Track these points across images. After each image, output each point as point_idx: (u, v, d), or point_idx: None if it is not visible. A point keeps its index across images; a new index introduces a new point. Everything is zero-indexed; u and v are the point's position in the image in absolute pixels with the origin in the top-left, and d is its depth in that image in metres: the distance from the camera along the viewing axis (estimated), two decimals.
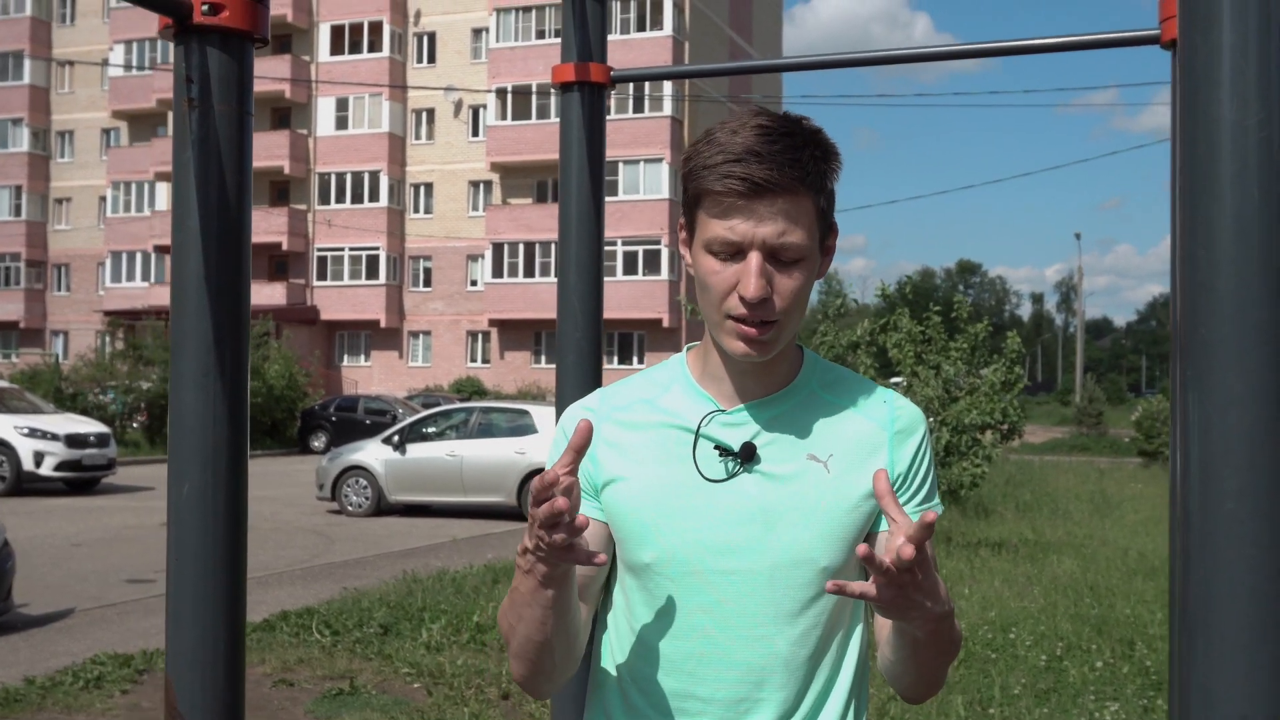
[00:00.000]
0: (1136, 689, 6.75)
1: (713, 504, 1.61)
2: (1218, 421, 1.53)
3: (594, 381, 3.37)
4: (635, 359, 46.16)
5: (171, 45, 2.07)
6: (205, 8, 2.00)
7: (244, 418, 2.11)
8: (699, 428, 1.64)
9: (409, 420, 18.80)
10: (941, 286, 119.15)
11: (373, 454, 17.79)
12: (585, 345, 3.36)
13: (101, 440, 20.65)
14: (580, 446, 1.46)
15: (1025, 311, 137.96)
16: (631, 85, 45.13)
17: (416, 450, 17.61)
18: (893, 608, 1.44)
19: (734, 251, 1.53)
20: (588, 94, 3.34)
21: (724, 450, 1.62)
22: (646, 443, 1.66)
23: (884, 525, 1.62)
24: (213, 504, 2.07)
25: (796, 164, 1.51)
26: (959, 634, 1.63)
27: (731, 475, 1.61)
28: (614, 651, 1.71)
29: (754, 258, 1.52)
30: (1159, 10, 2.88)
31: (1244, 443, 1.51)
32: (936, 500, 1.70)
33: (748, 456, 1.61)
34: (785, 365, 1.67)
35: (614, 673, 1.70)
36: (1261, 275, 1.51)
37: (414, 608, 8.95)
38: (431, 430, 18.12)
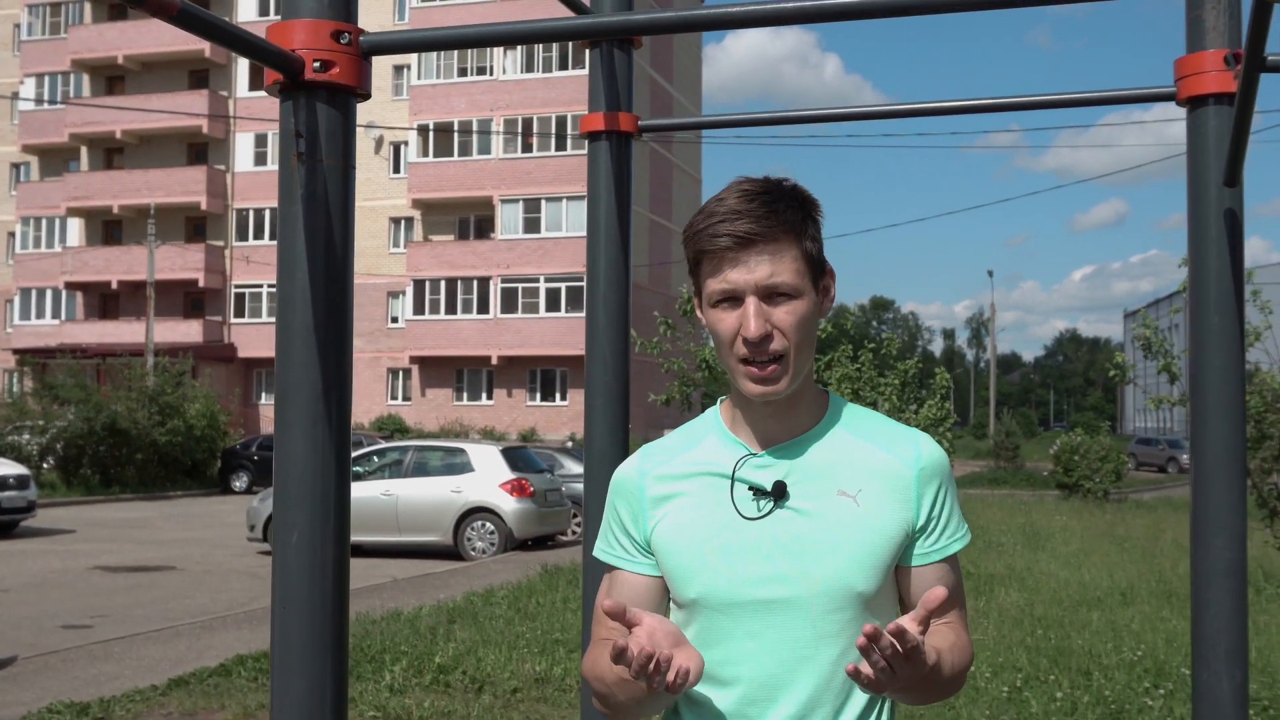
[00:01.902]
0: (1097, 718, 6.92)
1: (751, 539, 1.76)
2: None
3: (622, 424, 3.43)
4: (558, 396, 46.11)
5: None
6: (317, 64, 2.04)
7: (348, 466, 2.14)
8: (734, 472, 1.80)
9: None
10: (856, 323, 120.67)
11: None
12: (614, 387, 3.41)
13: (21, 482, 20.11)
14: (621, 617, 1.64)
15: (937, 347, 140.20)
16: (554, 121, 45.36)
17: (351, 490, 17.42)
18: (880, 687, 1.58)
19: (733, 300, 1.73)
20: (615, 143, 3.41)
21: (758, 490, 1.78)
22: (687, 490, 1.83)
23: (913, 561, 1.80)
24: (322, 551, 2.09)
25: (774, 214, 1.72)
26: (949, 678, 1.75)
27: (766, 513, 1.77)
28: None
29: (750, 301, 1.71)
30: (1175, 69, 3.02)
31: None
32: (965, 530, 1.86)
33: (779, 494, 1.77)
34: (809, 408, 1.83)
35: (680, 703, 1.83)
36: None
37: (372, 649, 8.86)
38: (365, 469, 17.96)
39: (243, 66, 48.51)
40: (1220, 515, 2.91)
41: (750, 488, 1.79)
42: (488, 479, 17.27)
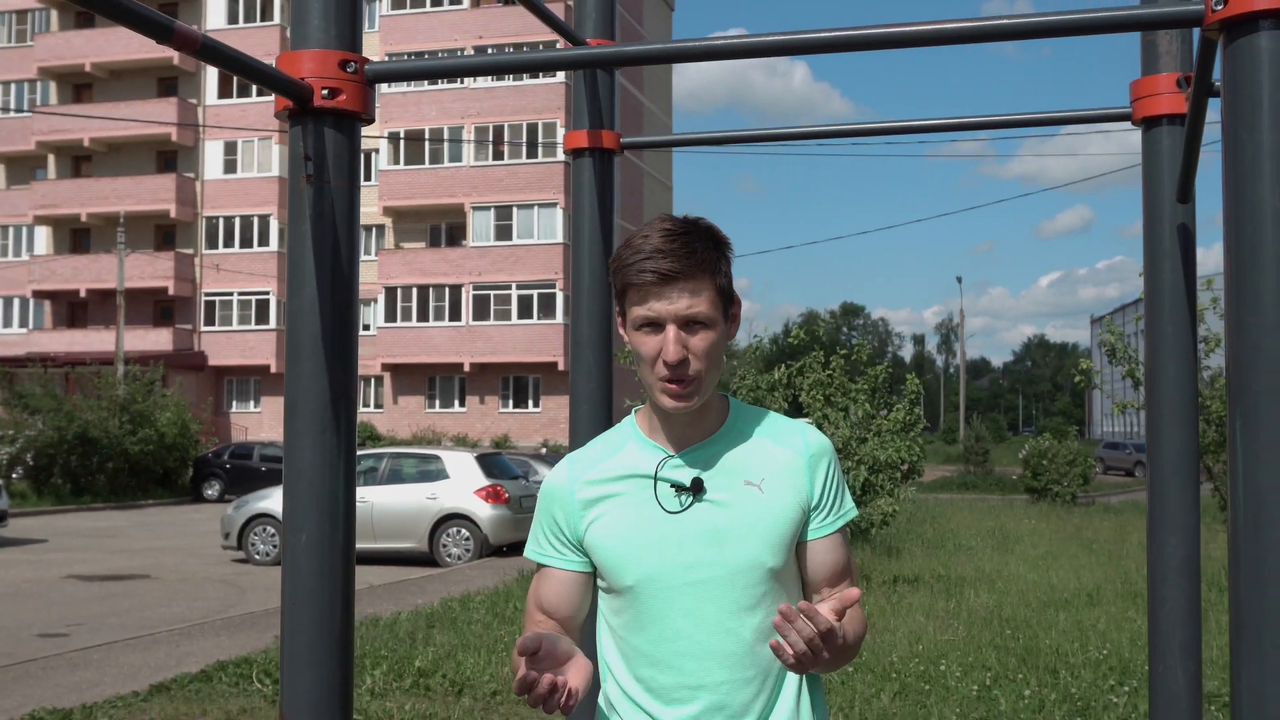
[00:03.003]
0: (1065, 714, 7.09)
1: (675, 531, 2.02)
2: (1265, 460, 1.80)
3: (606, 428, 3.56)
4: (530, 403, 46.16)
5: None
6: (325, 92, 2.17)
7: (354, 471, 2.27)
8: (656, 472, 2.06)
9: None
10: (825, 329, 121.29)
11: (280, 501, 17.56)
12: (598, 394, 3.55)
13: None
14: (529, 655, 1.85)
15: (907, 353, 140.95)
16: (525, 129, 45.47)
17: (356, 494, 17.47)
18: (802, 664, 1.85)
19: (655, 326, 1.97)
20: (599, 159, 3.55)
21: (678, 487, 2.04)
22: (616, 491, 2.07)
23: (809, 535, 2.07)
24: (330, 551, 2.22)
25: (693, 254, 1.96)
26: (852, 645, 2.02)
27: (687, 507, 2.03)
28: (611, 664, 2.10)
29: (670, 329, 1.96)
30: (1131, 91, 3.18)
31: None
32: (851, 506, 2.14)
33: (697, 489, 2.03)
34: (714, 413, 2.09)
35: (617, 680, 2.09)
36: None
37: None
38: None
39: (211, 75, 48.38)
40: (1175, 515, 3.08)
41: (672, 485, 2.04)
42: (463, 486, 17.36)
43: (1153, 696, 3.18)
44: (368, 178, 48.05)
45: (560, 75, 45.02)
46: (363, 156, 35.47)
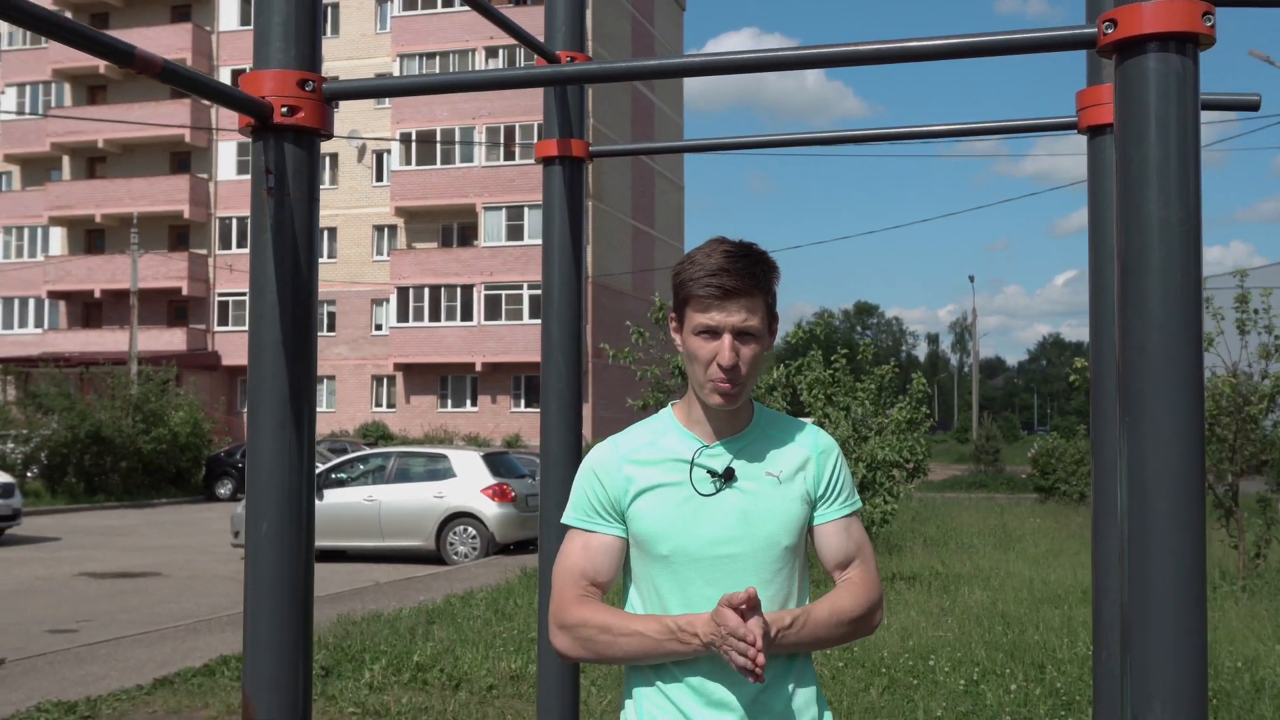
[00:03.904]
0: (1049, 709, 7.20)
1: (707, 511, 2.32)
2: (1150, 456, 1.92)
3: (575, 426, 3.70)
4: (524, 403, 46.30)
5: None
6: (285, 110, 2.32)
7: (313, 464, 2.41)
8: (692, 459, 2.36)
9: (326, 465, 18.82)
10: (840, 328, 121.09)
11: None
12: (567, 394, 3.68)
13: (6, 490, 20.29)
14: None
15: (921, 352, 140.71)
16: (536, 130, 45.56)
17: (334, 495, 17.66)
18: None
19: (712, 334, 2.27)
20: (568, 167, 3.68)
21: (712, 473, 2.34)
22: (656, 471, 2.36)
23: (816, 521, 2.39)
24: (289, 540, 2.36)
25: (751, 275, 2.26)
26: (836, 623, 2.32)
27: (718, 490, 2.33)
28: None
29: (726, 338, 2.26)
30: (1077, 100, 3.30)
31: (1169, 473, 1.91)
32: (856, 499, 2.45)
33: (729, 477, 2.34)
34: (745, 413, 2.41)
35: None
36: (1183, 340, 1.92)
37: (353, 649, 9.10)
38: (348, 475, 18.19)
39: (224, 77, 48.66)
40: (1114, 509, 3.19)
41: (707, 471, 2.34)
42: (469, 484, 17.52)
43: (1096, 682, 3.29)
44: (380, 178, 48.31)
45: None
46: (375, 157, 35.79)
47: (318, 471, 18.06)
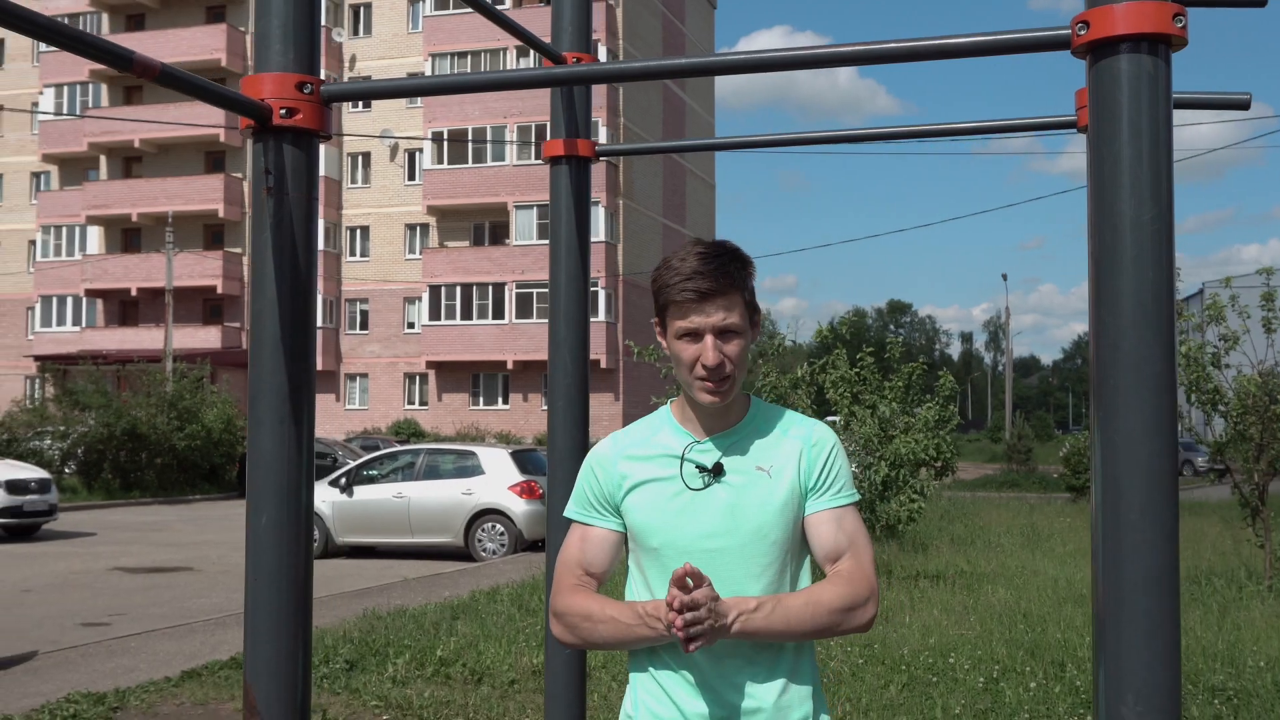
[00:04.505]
0: (1068, 707, 7.20)
1: (697, 505, 2.37)
2: (1123, 451, 1.95)
3: (582, 422, 3.76)
4: None
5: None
6: (283, 111, 2.38)
7: (312, 458, 2.47)
8: (683, 454, 2.41)
9: (356, 462, 18.97)
10: (873, 326, 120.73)
11: (320, 496, 17.92)
12: (574, 391, 3.74)
13: (42, 486, 20.56)
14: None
15: (955, 350, 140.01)
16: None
17: (364, 492, 17.80)
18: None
19: (694, 336, 2.32)
20: (575, 166, 3.73)
21: (701, 468, 2.39)
22: (649, 466, 2.43)
23: (807, 511, 2.40)
24: (287, 532, 2.43)
25: (726, 275, 2.31)
26: (818, 617, 2.30)
27: (707, 485, 2.38)
28: None
29: (709, 339, 2.31)
30: (1076, 99, 3.33)
31: (1143, 468, 1.94)
32: (852, 491, 2.44)
33: (718, 472, 2.38)
34: (738, 408, 2.45)
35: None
36: (1155, 337, 1.95)
37: (378, 643, 9.20)
38: (378, 472, 18.32)
39: None
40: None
41: (696, 466, 2.39)
42: (498, 481, 17.61)
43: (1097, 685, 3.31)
44: (412, 177, 48.55)
45: None
46: (407, 156, 35.95)
47: (348, 468, 18.26)
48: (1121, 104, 1.97)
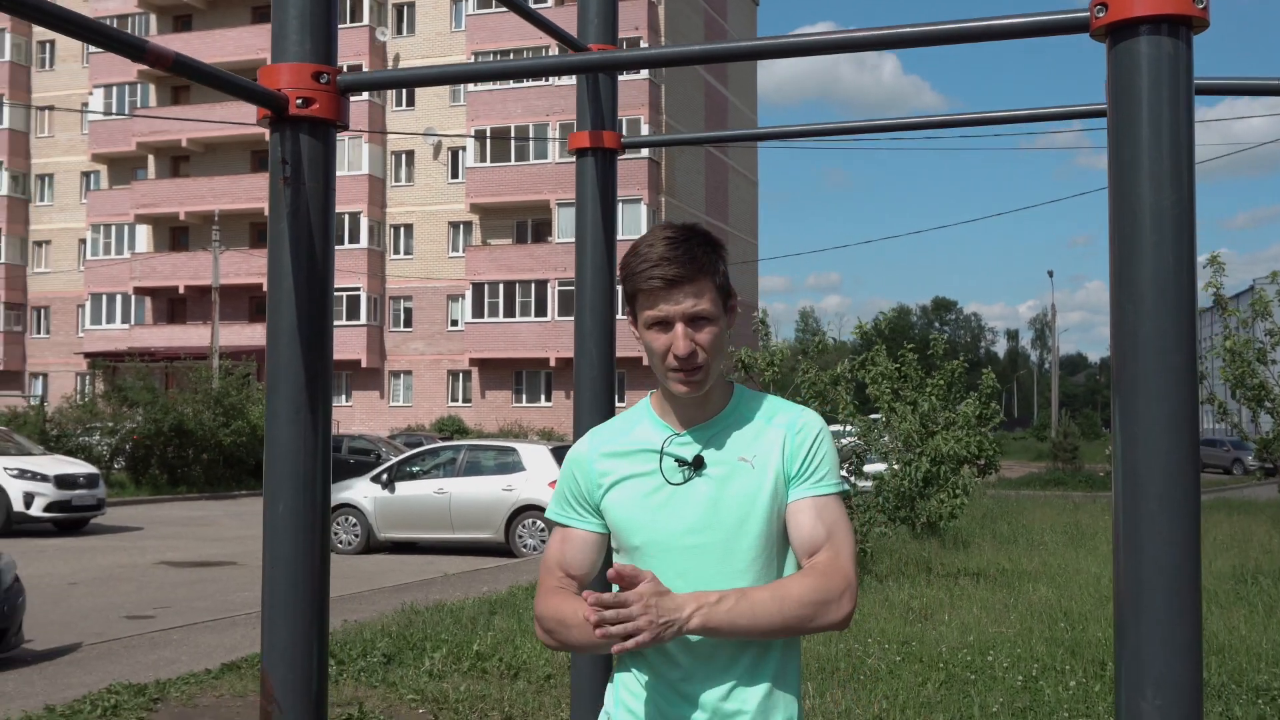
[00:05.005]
0: (1108, 706, 7.11)
1: (677, 500, 2.26)
2: (1142, 441, 1.92)
3: (608, 415, 3.74)
4: (617, 398, 46.41)
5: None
6: (299, 101, 2.38)
7: (329, 447, 2.47)
8: (662, 448, 2.31)
9: (397, 459, 19.07)
10: (917, 324, 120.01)
11: (362, 492, 18.05)
12: (599, 384, 3.73)
13: (90, 481, 20.81)
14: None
15: (1001, 348, 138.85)
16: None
17: (405, 488, 17.89)
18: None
19: (664, 324, 2.21)
20: (600, 158, 3.72)
21: (681, 462, 2.29)
22: (628, 463, 2.32)
23: (788, 499, 2.27)
24: (304, 521, 2.43)
25: (694, 260, 2.21)
26: (787, 612, 2.15)
27: (688, 479, 2.27)
28: None
29: (679, 327, 2.20)
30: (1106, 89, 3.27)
31: (1162, 458, 1.90)
32: (836, 480, 2.30)
33: (698, 465, 2.28)
34: (718, 397, 2.34)
35: None
36: (1176, 326, 1.91)
37: (415, 638, 9.24)
38: (419, 469, 18.41)
39: None
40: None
41: (675, 460, 2.29)
42: (538, 477, 17.63)
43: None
44: (455, 175, 48.76)
45: (644, 72, 45.25)
46: (450, 154, 36.03)
47: (390, 464, 18.36)
48: (1141, 88, 1.93)
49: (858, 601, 2.26)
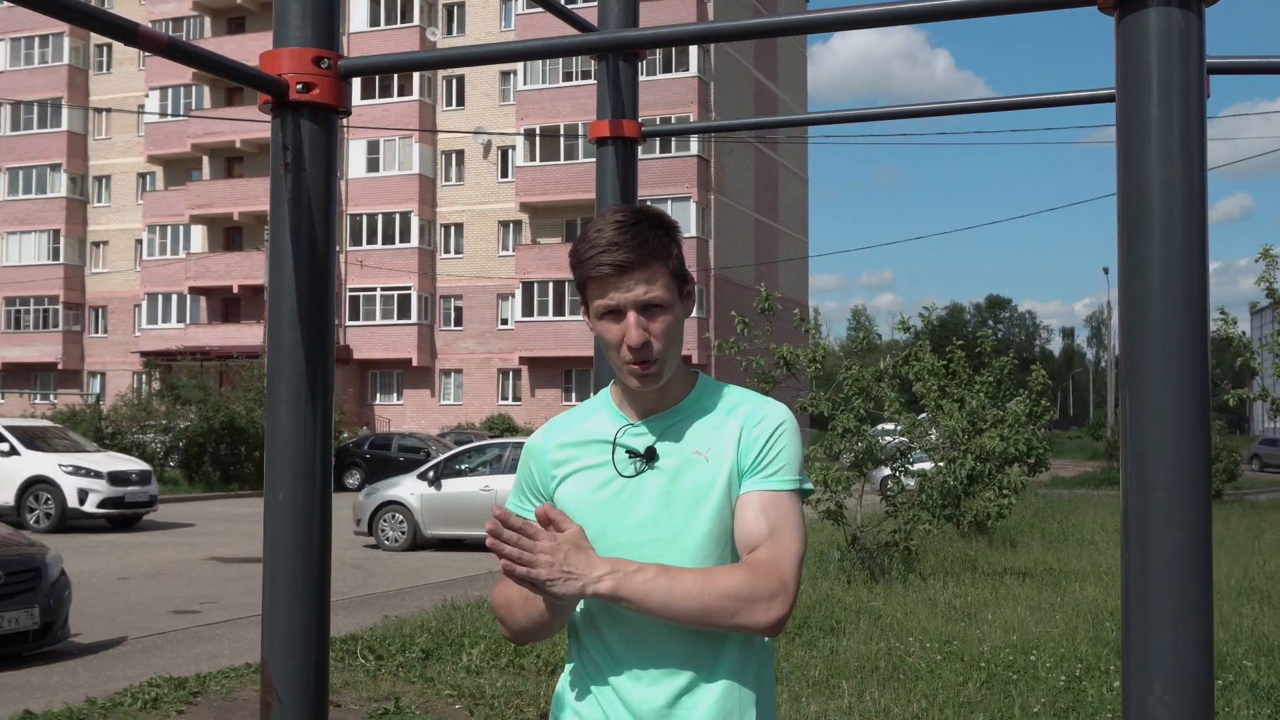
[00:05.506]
0: None
1: (627, 495, 2.14)
2: (1150, 427, 1.85)
3: None
4: None
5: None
6: (300, 86, 2.36)
7: (329, 436, 2.45)
8: (615, 438, 2.19)
9: (444, 456, 19.15)
10: (971, 322, 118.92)
11: (409, 489, 18.14)
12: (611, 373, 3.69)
13: (143, 478, 21.09)
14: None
15: (1056, 346, 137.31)
16: (657, 124, 45.70)
17: (451, 485, 17.95)
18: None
19: (616, 313, 2.08)
20: (621, 147, 3.69)
21: (632, 453, 2.17)
22: (580, 454, 2.21)
23: (739, 491, 2.12)
24: (304, 508, 2.41)
25: (645, 244, 2.07)
26: (709, 605, 2.00)
27: (639, 472, 2.15)
28: (577, 618, 2.21)
29: (630, 316, 2.07)
30: None
31: (1169, 444, 1.84)
32: (792, 477, 2.13)
33: (650, 457, 2.15)
34: (678, 387, 2.20)
35: (578, 624, 2.21)
36: (1186, 306, 1.84)
37: (454, 633, 9.26)
38: (466, 466, 18.47)
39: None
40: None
41: (627, 451, 2.17)
42: None
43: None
44: (505, 175, 48.94)
45: (693, 69, 45.20)
46: (500, 154, 36.07)
47: (436, 461, 18.42)
48: (1150, 62, 1.87)
49: (794, 609, 2.08)
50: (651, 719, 2.08)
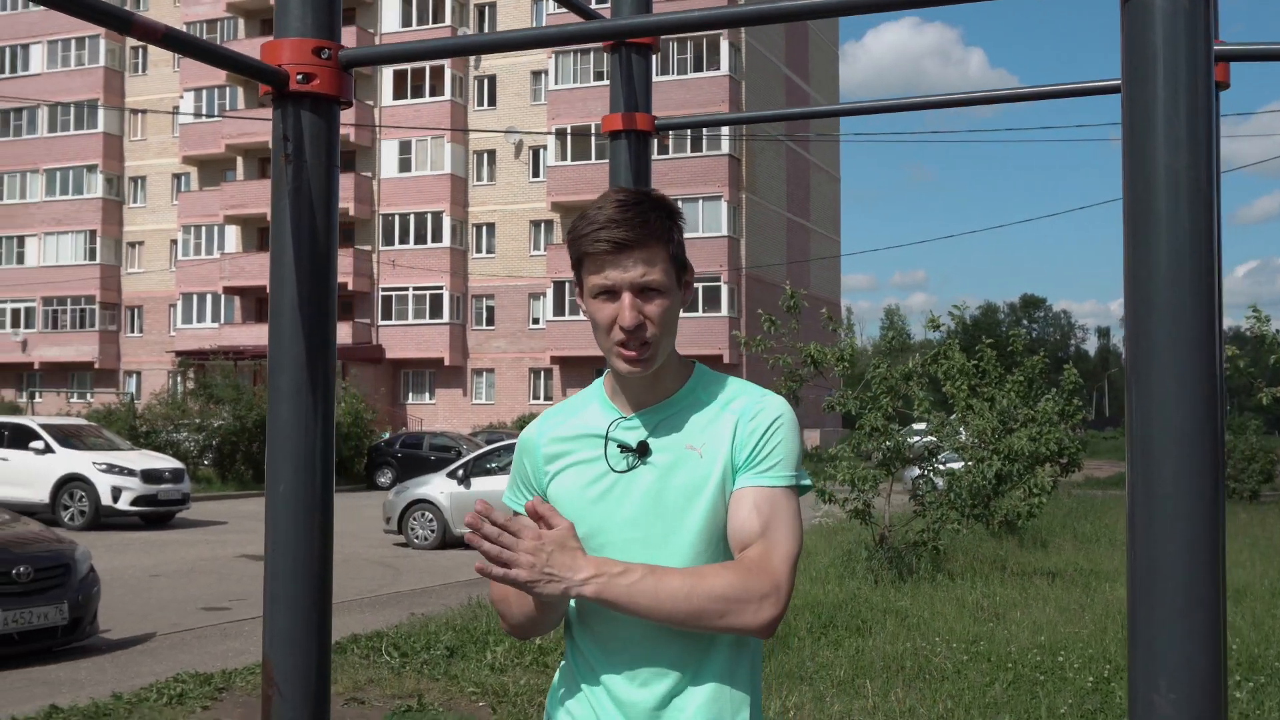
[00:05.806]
0: None
1: (620, 489, 2.09)
2: (1157, 417, 1.81)
3: None
4: None
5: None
6: (300, 77, 2.34)
7: (331, 428, 2.44)
8: (607, 432, 2.13)
9: (473, 455, 19.18)
10: (1005, 321, 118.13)
11: (438, 488, 18.18)
12: None
13: (176, 476, 21.25)
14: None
15: (1091, 346, 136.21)
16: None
17: (481, 484, 17.97)
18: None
19: (611, 294, 2.02)
20: (634, 141, 3.66)
21: (625, 448, 2.10)
22: (572, 448, 2.16)
23: (733, 486, 2.05)
24: (304, 501, 2.40)
25: (646, 224, 2.01)
26: (695, 607, 1.94)
27: (632, 467, 2.09)
28: (571, 616, 2.18)
29: (626, 296, 2.01)
30: None
31: (1176, 435, 1.80)
32: (788, 473, 2.05)
33: (643, 452, 2.09)
34: (672, 379, 2.14)
35: (572, 620, 2.18)
36: (1193, 294, 1.80)
37: (479, 631, 9.26)
38: (495, 464, 18.49)
39: (387, 76, 50.02)
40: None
41: (619, 445, 2.11)
42: None
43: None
44: (536, 174, 49.02)
45: (724, 68, 45.10)
46: (531, 153, 36.16)
47: (465, 460, 18.45)
48: (1156, 43, 1.82)
49: (786, 610, 2.01)
50: (642, 719, 2.04)
